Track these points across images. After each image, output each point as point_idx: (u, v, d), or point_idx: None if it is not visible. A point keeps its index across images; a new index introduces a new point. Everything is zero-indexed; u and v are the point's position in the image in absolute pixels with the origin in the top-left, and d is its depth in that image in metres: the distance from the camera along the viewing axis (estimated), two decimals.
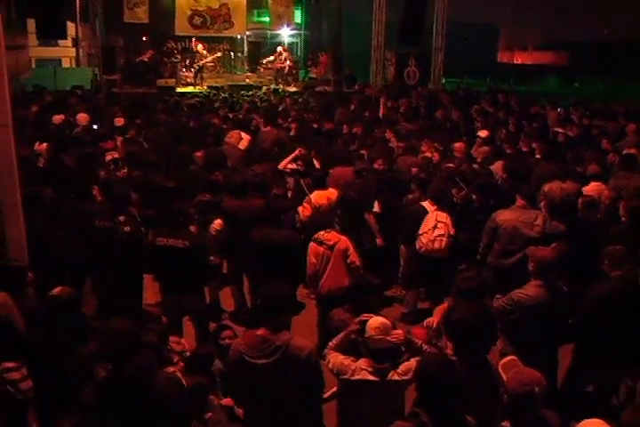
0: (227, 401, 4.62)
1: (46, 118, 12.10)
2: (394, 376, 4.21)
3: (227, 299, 7.72)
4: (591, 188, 7.94)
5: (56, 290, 4.88)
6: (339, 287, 6.32)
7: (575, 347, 5.63)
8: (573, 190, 7.90)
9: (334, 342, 4.55)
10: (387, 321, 4.36)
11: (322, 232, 6.51)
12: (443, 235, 7.10)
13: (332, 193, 7.94)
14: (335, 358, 4.38)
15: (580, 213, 7.11)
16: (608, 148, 10.46)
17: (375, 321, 4.33)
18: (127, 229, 6.53)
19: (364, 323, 4.40)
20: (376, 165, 8.92)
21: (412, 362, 4.22)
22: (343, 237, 6.52)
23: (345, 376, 4.28)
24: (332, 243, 6.42)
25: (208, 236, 7.08)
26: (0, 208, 5.58)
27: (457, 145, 9.94)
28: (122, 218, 6.59)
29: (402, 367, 4.25)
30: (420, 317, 7.28)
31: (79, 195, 7.36)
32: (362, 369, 4.25)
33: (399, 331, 4.42)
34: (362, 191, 7.90)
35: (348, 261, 6.43)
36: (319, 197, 7.85)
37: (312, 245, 6.53)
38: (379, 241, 7.82)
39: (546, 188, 7.99)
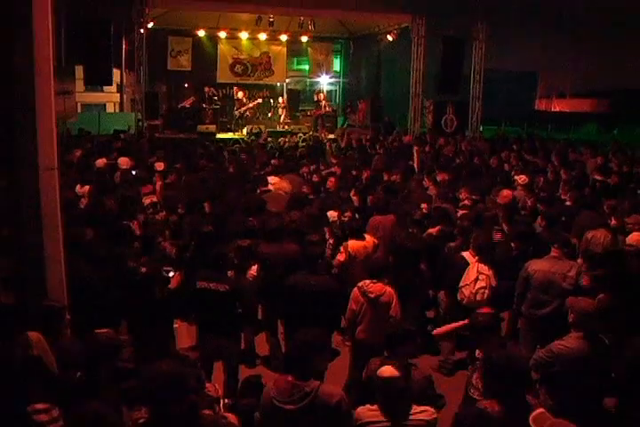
0: None
1: (89, 161, 12.37)
2: (411, 420, 4.13)
3: (261, 344, 7.68)
4: (634, 237, 7.78)
5: (99, 332, 4.91)
6: (375, 337, 6.25)
7: (618, 402, 5.45)
8: (622, 240, 7.77)
9: None
10: (395, 372, 4.26)
11: (367, 281, 6.46)
12: (485, 287, 7.02)
13: (369, 242, 7.93)
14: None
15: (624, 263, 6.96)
16: None
17: (385, 371, 4.27)
18: (144, 269, 6.57)
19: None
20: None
21: (430, 409, 4.17)
22: (388, 289, 6.44)
23: (359, 422, 4.20)
24: (373, 296, 6.37)
25: (246, 281, 7.10)
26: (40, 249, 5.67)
27: (504, 192, 9.83)
28: (143, 259, 6.66)
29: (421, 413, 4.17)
30: (457, 366, 7.20)
31: (118, 237, 7.46)
32: (372, 411, 4.18)
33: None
34: (420, 242, 7.89)
35: (390, 313, 6.37)
36: (356, 245, 7.84)
37: (355, 292, 6.49)
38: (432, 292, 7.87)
39: (589, 235, 7.86)
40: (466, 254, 7.36)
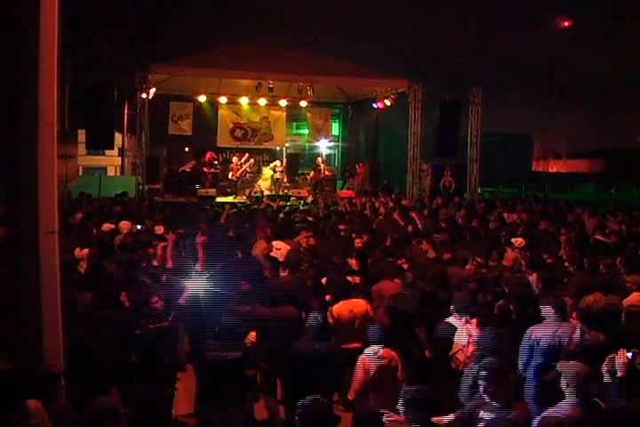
0: None
1: (89, 225, 12.38)
2: None
3: (258, 409, 7.52)
4: (634, 298, 7.73)
5: (98, 400, 4.83)
6: (386, 401, 6.11)
7: None
8: (615, 302, 7.69)
9: None
10: None
11: (376, 347, 6.41)
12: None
13: (358, 304, 7.82)
14: None
15: (624, 324, 6.89)
16: None
17: None
18: (138, 331, 6.57)
19: None
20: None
21: None
22: (394, 354, 6.45)
23: None
24: (385, 362, 6.34)
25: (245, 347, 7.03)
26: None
27: (510, 254, 9.77)
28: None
29: None
30: None
31: (118, 302, 7.41)
32: None
33: None
34: (413, 304, 7.78)
35: (397, 377, 6.37)
36: (342, 307, 7.74)
37: (364, 359, 6.41)
38: (428, 353, 7.58)
39: (587, 299, 7.79)
40: (451, 320, 7.23)
